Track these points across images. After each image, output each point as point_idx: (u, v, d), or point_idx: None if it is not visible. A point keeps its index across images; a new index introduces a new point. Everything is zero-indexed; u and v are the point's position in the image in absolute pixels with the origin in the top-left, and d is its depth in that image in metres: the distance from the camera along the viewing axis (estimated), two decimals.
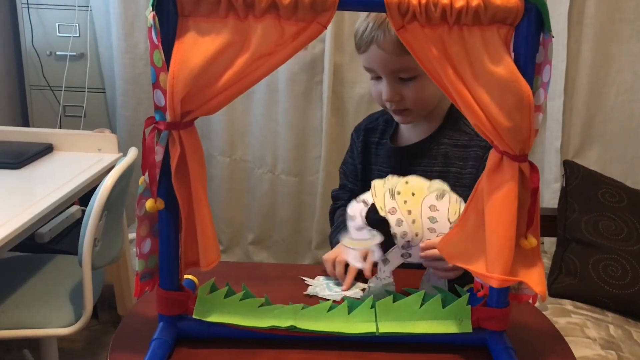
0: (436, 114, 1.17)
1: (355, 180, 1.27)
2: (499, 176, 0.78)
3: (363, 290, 1.01)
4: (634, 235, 1.74)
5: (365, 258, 0.99)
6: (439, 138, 1.17)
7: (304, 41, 0.74)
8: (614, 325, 1.59)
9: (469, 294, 0.89)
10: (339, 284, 1.03)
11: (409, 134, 1.21)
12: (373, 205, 0.89)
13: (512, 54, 0.75)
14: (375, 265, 0.95)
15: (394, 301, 0.87)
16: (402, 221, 0.88)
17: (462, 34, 0.73)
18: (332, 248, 1.14)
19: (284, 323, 0.84)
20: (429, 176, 0.94)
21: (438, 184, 0.91)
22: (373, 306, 0.87)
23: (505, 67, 0.73)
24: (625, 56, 2.17)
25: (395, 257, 0.92)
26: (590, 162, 2.16)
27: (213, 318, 0.84)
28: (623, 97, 2.20)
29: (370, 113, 1.33)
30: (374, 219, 0.91)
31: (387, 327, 0.85)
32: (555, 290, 1.73)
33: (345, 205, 1.10)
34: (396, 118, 1.16)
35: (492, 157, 0.79)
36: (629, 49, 2.16)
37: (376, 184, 0.90)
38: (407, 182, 0.90)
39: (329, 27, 0.82)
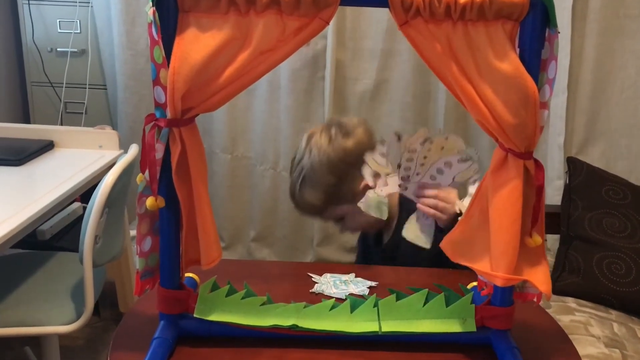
0: None
1: None
2: (504, 174, 0.77)
3: (369, 287, 1.01)
4: (638, 232, 1.73)
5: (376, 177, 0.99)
6: None
7: (306, 37, 0.73)
8: (618, 323, 1.58)
9: (472, 292, 0.88)
10: (345, 282, 1.03)
11: None
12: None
13: (518, 50, 0.74)
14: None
15: (397, 300, 0.86)
16: (412, 159, 0.94)
17: (467, 29, 0.72)
18: None
19: (286, 322, 0.83)
20: None
21: (471, 151, 0.95)
22: (376, 305, 0.86)
23: (511, 63, 0.72)
24: (630, 52, 2.15)
25: (393, 184, 0.96)
26: (594, 159, 2.15)
27: (214, 317, 0.83)
28: (627, 93, 2.19)
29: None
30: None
31: (390, 326, 0.84)
32: (559, 288, 1.72)
33: None
34: None
35: (497, 154, 0.78)
36: (633, 44, 2.14)
37: (421, 130, 0.94)
38: (446, 138, 0.94)
39: (331, 23, 0.81)
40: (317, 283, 1.02)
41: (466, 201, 1.00)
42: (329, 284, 1.02)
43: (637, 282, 1.64)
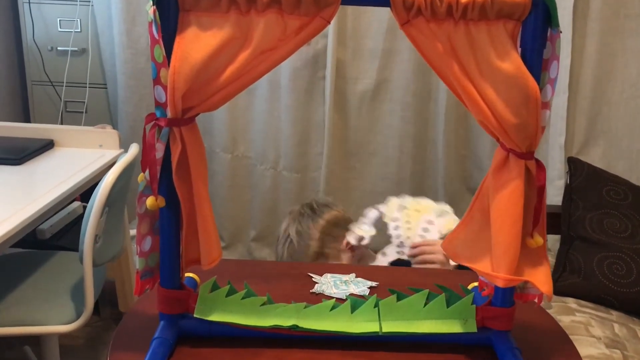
0: None
1: None
2: (505, 174, 0.77)
3: (370, 288, 1.01)
4: (639, 233, 1.73)
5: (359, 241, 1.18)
6: None
7: (307, 36, 0.73)
8: (619, 324, 1.58)
9: (473, 293, 0.88)
10: (346, 283, 1.03)
11: None
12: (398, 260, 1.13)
13: (519, 50, 0.73)
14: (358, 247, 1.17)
15: (397, 300, 0.86)
16: (399, 227, 1.13)
17: (468, 29, 0.71)
18: None
19: (286, 322, 0.83)
20: None
21: (444, 207, 1.11)
22: (376, 305, 0.86)
23: (512, 63, 0.72)
24: (631, 52, 2.15)
25: (392, 252, 1.12)
26: (595, 159, 2.15)
27: (214, 317, 0.83)
28: (628, 93, 2.19)
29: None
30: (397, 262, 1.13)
31: (391, 326, 0.84)
32: (560, 288, 1.72)
33: None
34: None
35: (498, 154, 0.78)
36: (634, 44, 2.14)
37: (392, 199, 1.13)
38: (418, 202, 1.12)
39: (332, 22, 0.81)
40: (317, 283, 1.02)
41: None
42: (329, 284, 1.02)
43: (637, 282, 1.64)
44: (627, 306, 1.65)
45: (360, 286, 1.01)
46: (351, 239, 1.19)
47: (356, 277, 1.05)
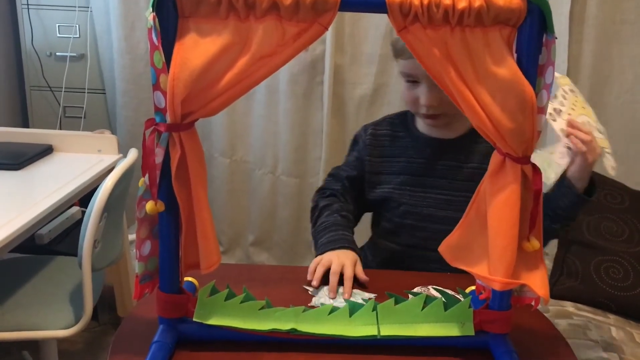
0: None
1: (350, 185, 1.27)
2: (502, 178, 0.77)
3: (365, 300, 0.96)
4: (636, 236, 1.74)
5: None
6: (478, 137, 1.20)
7: (306, 42, 0.74)
8: (616, 327, 1.59)
9: (470, 296, 0.88)
10: (341, 295, 1.00)
11: (434, 130, 1.21)
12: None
13: (515, 55, 0.74)
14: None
15: (395, 304, 0.86)
16: (566, 98, 1.04)
17: (465, 35, 0.72)
18: (316, 248, 1.14)
19: (285, 326, 0.83)
20: (463, 172, 1.16)
21: (600, 127, 1.06)
22: (374, 309, 0.86)
23: (508, 69, 0.72)
24: (627, 57, 2.16)
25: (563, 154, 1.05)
26: None
27: (213, 321, 0.84)
28: (624, 98, 2.20)
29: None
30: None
31: (389, 330, 0.84)
32: (557, 292, 1.72)
33: (330, 206, 1.20)
34: (427, 122, 1.18)
35: (495, 159, 0.78)
36: (630, 50, 2.15)
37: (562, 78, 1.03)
38: (584, 104, 1.04)
39: (330, 28, 0.82)
40: (314, 296, 0.99)
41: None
42: (327, 296, 1.00)
43: (634, 286, 1.65)
44: (624, 310, 1.65)
45: (357, 298, 0.99)
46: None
47: (353, 288, 1.02)
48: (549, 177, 0.97)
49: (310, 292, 1.01)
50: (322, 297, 0.99)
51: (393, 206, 1.22)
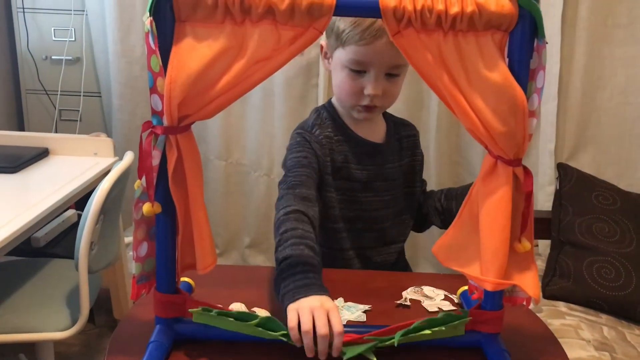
0: None
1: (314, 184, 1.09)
2: (493, 180, 0.79)
3: (365, 312, 0.95)
4: (627, 237, 1.75)
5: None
6: (396, 133, 1.23)
7: (301, 46, 0.75)
8: (608, 327, 1.60)
9: (469, 318, 0.86)
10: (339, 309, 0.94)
11: (367, 130, 1.18)
12: None
13: (507, 60, 0.75)
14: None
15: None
16: None
17: (457, 39, 0.73)
18: (278, 273, 0.87)
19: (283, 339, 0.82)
20: (402, 169, 1.15)
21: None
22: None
23: (500, 73, 0.74)
24: (619, 59, 2.18)
25: None
26: (584, 165, 2.17)
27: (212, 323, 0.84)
28: (616, 99, 2.22)
29: (304, 120, 1.23)
30: None
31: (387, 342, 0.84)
32: (550, 292, 1.74)
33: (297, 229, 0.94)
34: (361, 115, 1.12)
35: (487, 161, 0.80)
36: (622, 52, 2.18)
37: None
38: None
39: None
40: None
41: None
42: None
43: (626, 286, 1.67)
44: (616, 309, 1.67)
45: (353, 311, 0.96)
46: None
47: (345, 301, 0.99)
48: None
49: None
50: None
51: (343, 210, 1.16)
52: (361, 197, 1.16)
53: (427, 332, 0.83)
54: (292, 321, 0.78)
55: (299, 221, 0.95)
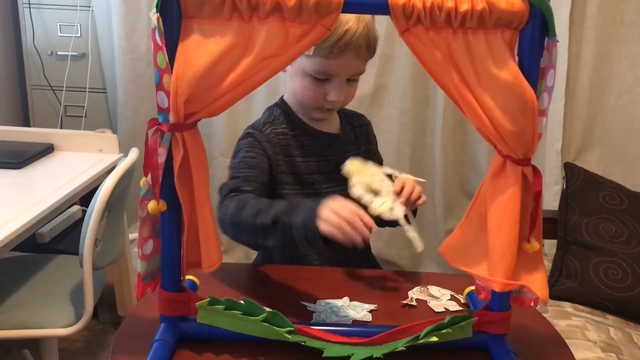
0: None
1: (263, 189, 1.12)
2: (502, 180, 0.78)
3: (370, 311, 0.95)
4: (635, 237, 1.74)
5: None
6: (349, 123, 1.26)
7: (308, 43, 0.74)
8: (615, 328, 1.59)
9: (475, 319, 0.85)
10: (343, 309, 0.96)
11: (321, 123, 1.20)
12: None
13: (517, 58, 0.74)
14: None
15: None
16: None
17: (467, 37, 0.72)
18: (283, 226, 0.92)
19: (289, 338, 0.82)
20: (360, 158, 1.10)
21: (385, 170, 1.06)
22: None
23: (510, 71, 0.73)
24: (626, 58, 2.17)
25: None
26: (591, 165, 2.16)
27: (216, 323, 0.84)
28: (624, 99, 2.20)
29: (257, 119, 1.22)
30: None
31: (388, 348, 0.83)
32: (556, 292, 1.73)
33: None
34: (322, 115, 1.17)
35: (495, 160, 0.79)
36: (630, 51, 2.16)
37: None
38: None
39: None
40: (314, 312, 0.94)
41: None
42: (327, 312, 0.95)
43: (633, 287, 1.65)
44: (622, 310, 1.66)
45: (359, 311, 0.95)
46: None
47: (350, 300, 0.99)
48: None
49: (308, 308, 0.96)
50: (323, 313, 0.95)
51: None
52: (323, 188, 1.17)
53: (435, 339, 0.82)
54: (333, 219, 0.86)
55: (247, 199, 1.03)
